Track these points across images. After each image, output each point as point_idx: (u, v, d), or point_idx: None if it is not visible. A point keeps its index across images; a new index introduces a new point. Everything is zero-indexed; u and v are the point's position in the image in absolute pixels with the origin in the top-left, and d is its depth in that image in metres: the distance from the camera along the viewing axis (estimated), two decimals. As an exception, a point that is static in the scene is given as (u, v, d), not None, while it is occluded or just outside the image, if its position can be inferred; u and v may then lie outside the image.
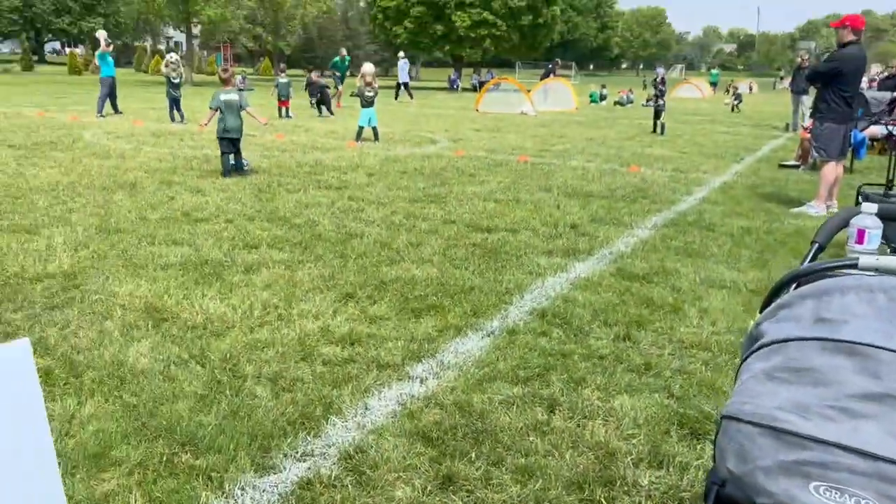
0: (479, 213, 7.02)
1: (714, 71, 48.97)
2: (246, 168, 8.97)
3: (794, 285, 1.50)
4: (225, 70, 9.58)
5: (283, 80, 18.05)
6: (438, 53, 46.74)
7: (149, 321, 3.93)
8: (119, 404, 2.99)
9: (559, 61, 28.20)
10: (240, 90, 9.67)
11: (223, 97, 8.75)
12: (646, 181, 9.35)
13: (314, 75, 19.50)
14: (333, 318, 4.10)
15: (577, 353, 3.72)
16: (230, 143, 8.75)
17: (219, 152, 8.89)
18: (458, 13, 40.03)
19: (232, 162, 8.82)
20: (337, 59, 25.24)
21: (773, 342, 1.30)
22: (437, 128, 16.04)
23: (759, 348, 1.37)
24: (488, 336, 3.91)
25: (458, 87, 39.80)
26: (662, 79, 16.34)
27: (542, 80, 26.84)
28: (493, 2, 40.09)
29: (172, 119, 15.02)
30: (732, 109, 25.66)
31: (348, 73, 30.18)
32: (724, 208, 7.71)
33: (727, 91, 38.81)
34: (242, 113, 8.91)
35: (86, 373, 3.27)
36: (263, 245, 5.58)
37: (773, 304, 1.42)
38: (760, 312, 1.48)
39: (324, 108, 18.68)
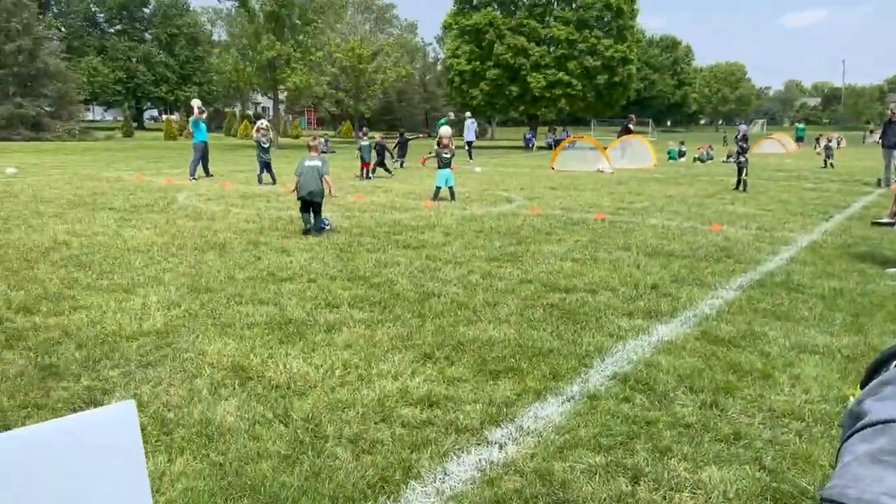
0: (557, 273, 6.98)
1: (800, 125, 47.60)
2: (327, 228, 9.29)
3: (896, 360, 1.42)
4: (314, 138, 10.23)
5: (364, 142, 18.67)
6: (514, 113, 47.39)
7: (235, 380, 4.05)
8: (207, 462, 3.07)
9: (633, 117, 28.06)
10: (323, 152, 10.07)
11: (307, 163, 9.29)
12: (729, 240, 9.11)
13: (378, 136, 20.00)
14: (412, 378, 4.12)
15: (662, 421, 3.61)
16: (311, 204, 9.18)
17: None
18: (534, 75, 40.64)
19: (312, 221, 9.19)
20: (444, 119, 25.69)
21: (877, 422, 1.24)
22: (513, 186, 16.16)
23: (862, 428, 1.30)
24: (568, 401, 3.84)
25: (533, 145, 40.11)
26: (744, 135, 16.00)
27: (619, 136, 26.75)
28: (567, 63, 40.58)
29: (260, 181, 15.68)
30: (825, 164, 24.69)
31: (426, 134, 30.99)
32: (814, 268, 7.40)
33: (816, 144, 37.60)
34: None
35: (176, 430, 3.38)
36: (344, 304, 5.69)
37: (875, 380, 1.36)
38: (861, 387, 1.41)
39: (380, 168, 18.93)
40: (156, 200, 12.28)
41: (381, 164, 18.96)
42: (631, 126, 27.18)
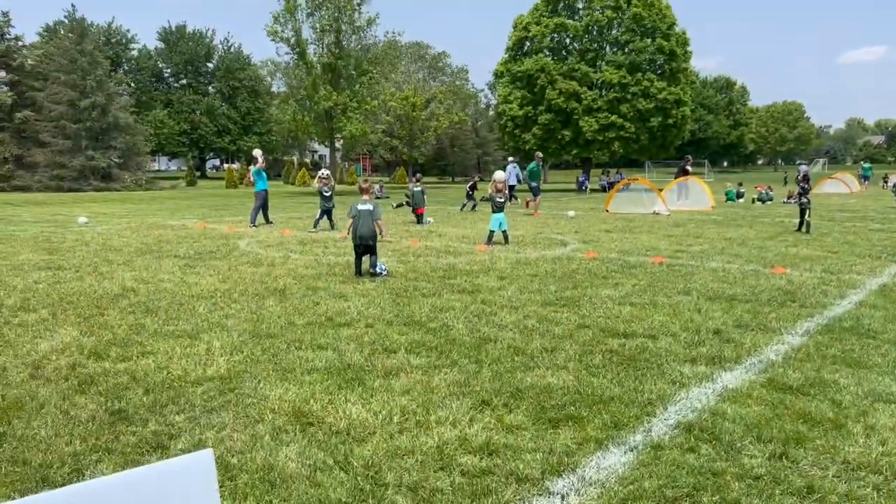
0: (615, 318, 6.89)
1: (866, 164, 46.19)
2: (382, 273, 9.44)
3: None
4: (365, 181, 10.33)
5: (416, 188, 18.94)
6: (566, 157, 47.43)
7: (297, 425, 4.10)
8: (269, 508, 3.10)
9: (690, 157, 27.77)
10: (377, 198, 10.28)
11: (360, 207, 9.51)
12: (793, 283, 8.85)
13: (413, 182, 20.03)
14: (470, 426, 4.10)
15: (730, 472, 3.49)
16: (364, 248, 9.42)
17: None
18: (586, 118, 40.70)
19: (366, 266, 9.44)
20: (533, 164, 23.87)
21: None
22: (567, 229, 16.09)
23: None
24: (631, 450, 3.76)
25: (586, 188, 39.97)
26: (806, 175, 15.64)
27: (676, 178, 26.47)
28: (620, 106, 40.54)
29: (315, 226, 16.00)
30: None
31: (479, 178, 31.17)
32: (886, 313, 7.11)
33: (884, 183, 36.43)
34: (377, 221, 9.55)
35: (240, 476, 3.43)
36: (401, 350, 5.73)
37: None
38: None
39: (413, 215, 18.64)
40: (218, 247, 12.66)
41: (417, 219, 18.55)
42: (688, 167, 26.87)
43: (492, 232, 13.14)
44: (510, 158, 33.26)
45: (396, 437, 3.94)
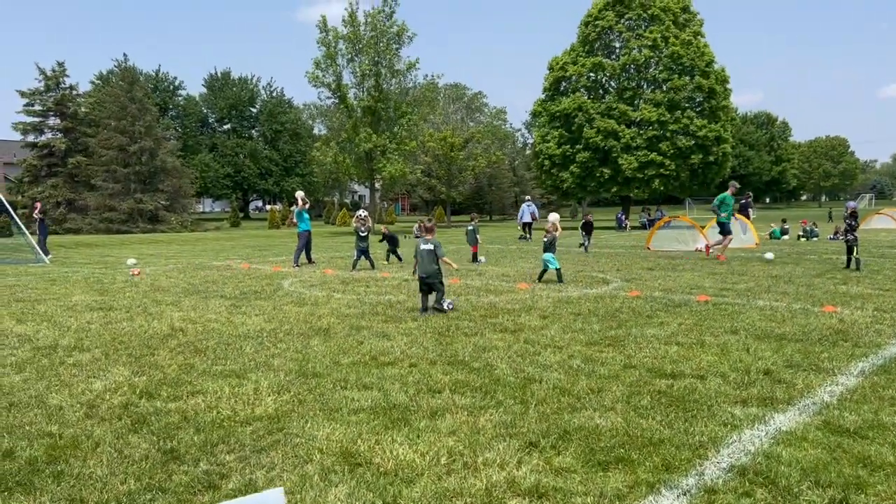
0: (662, 358, 6.79)
1: None
2: (449, 308, 9.80)
3: None
4: (429, 220, 10.94)
5: (470, 227, 19.11)
6: (605, 194, 47.28)
7: (345, 465, 4.11)
8: (321, 549, 3.11)
9: (751, 193, 27.75)
10: (416, 237, 10.45)
11: (422, 247, 9.91)
12: (844, 322, 8.62)
13: (384, 227, 19.52)
14: (518, 468, 4.07)
15: (788, 519, 3.39)
16: (427, 286, 9.83)
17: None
18: (625, 156, 40.63)
19: (431, 303, 9.85)
20: (726, 195, 18.93)
21: None
22: (608, 267, 15.97)
23: None
24: (684, 494, 3.68)
25: (626, 226, 39.71)
26: (853, 212, 15.32)
27: (737, 214, 26.24)
28: (660, 143, 40.42)
29: (353, 267, 16.13)
30: None
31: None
32: (945, 352, 6.87)
33: None
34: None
35: (290, 515, 3.45)
36: (446, 389, 5.72)
37: None
38: None
39: (392, 255, 18.35)
40: (263, 287, 12.87)
41: (392, 251, 18.35)
42: (750, 209, 26.54)
43: (544, 270, 13.27)
44: (526, 197, 33.87)
45: (444, 479, 3.92)
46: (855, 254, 14.98)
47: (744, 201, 28.07)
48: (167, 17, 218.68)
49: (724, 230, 18.30)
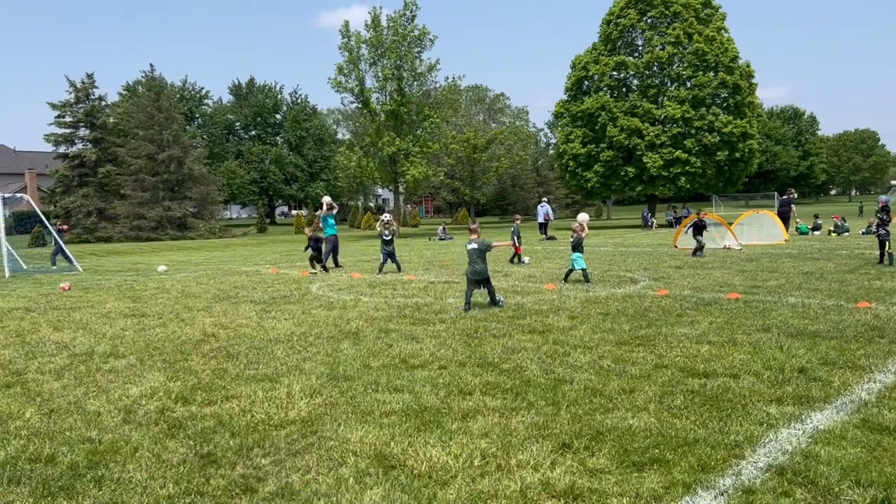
0: (693, 357, 6.73)
1: None
2: (501, 303, 10.44)
3: None
4: (474, 222, 11.81)
5: (513, 227, 19.14)
6: (630, 193, 46.90)
7: (379, 468, 4.14)
8: (359, 551, 3.13)
9: (793, 190, 27.63)
10: (441, 239, 10.59)
11: (469, 247, 10.65)
12: (880, 318, 8.47)
13: (308, 230, 17.44)
14: (552, 469, 4.06)
15: (829, 519, 3.35)
16: (476, 283, 10.44)
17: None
18: (649, 154, 40.24)
19: (478, 299, 10.66)
20: None
21: None
22: (636, 266, 15.85)
23: None
24: (721, 495, 3.65)
25: (652, 224, 39.35)
26: (885, 206, 15.03)
27: (779, 212, 26.05)
28: (685, 140, 39.98)
29: (379, 271, 16.16)
30: None
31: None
32: None
33: None
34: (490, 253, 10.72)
35: (328, 518, 3.48)
36: (476, 391, 5.73)
37: None
38: None
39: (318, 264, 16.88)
40: (292, 292, 12.99)
41: (316, 258, 16.80)
42: (793, 205, 26.50)
43: (570, 270, 13.23)
44: (543, 199, 34.01)
45: (478, 481, 3.93)
46: (888, 248, 14.70)
47: (785, 197, 27.72)
48: (191, 27, 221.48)
49: None
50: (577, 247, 13.24)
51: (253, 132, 79.32)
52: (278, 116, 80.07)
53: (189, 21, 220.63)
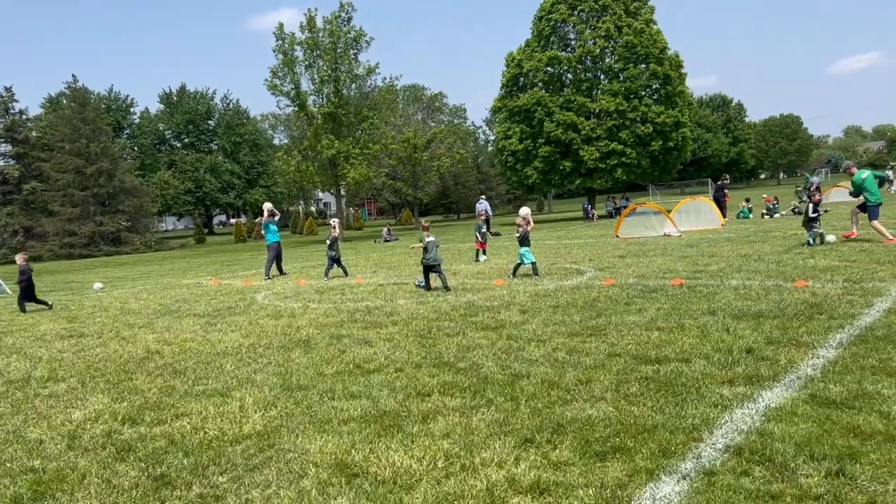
0: (644, 344, 6.83)
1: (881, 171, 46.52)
2: (426, 290, 12.08)
3: None
4: (426, 221, 13.62)
5: (478, 224, 19.23)
6: (570, 187, 47.57)
7: (342, 478, 4.05)
8: (328, 565, 3.05)
9: (727, 176, 28.72)
10: (386, 240, 10.69)
11: (428, 239, 12.22)
12: (817, 295, 8.78)
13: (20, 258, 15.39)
14: (516, 465, 4.05)
15: (789, 494, 3.43)
16: (433, 269, 12.20)
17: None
18: (586, 148, 40.90)
19: (443, 283, 12.13)
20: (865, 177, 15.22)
21: None
22: (581, 258, 16.07)
23: None
24: (684, 479, 3.70)
25: (593, 215, 39.99)
26: (817, 187, 15.60)
27: (714, 198, 26.89)
28: (620, 132, 40.77)
29: (326, 275, 15.92)
30: None
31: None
32: (917, 318, 7.03)
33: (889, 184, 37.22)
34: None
35: (293, 533, 3.38)
36: (435, 392, 5.68)
37: None
38: None
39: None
40: (236, 303, 12.68)
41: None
42: (726, 190, 27.40)
43: (518, 265, 13.31)
44: (482, 196, 34.68)
45: (444, 483, 3.89)
46: (819, 228, 15.28)
47: (719, 183, 28.56)
48: (115, 37, 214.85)
49: (874, 215, 15.08)
50: (523, 241, 13.33)
51: (186, 140, 77.45)
52: (211, 123, 78.36)
53: (112, 28, 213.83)
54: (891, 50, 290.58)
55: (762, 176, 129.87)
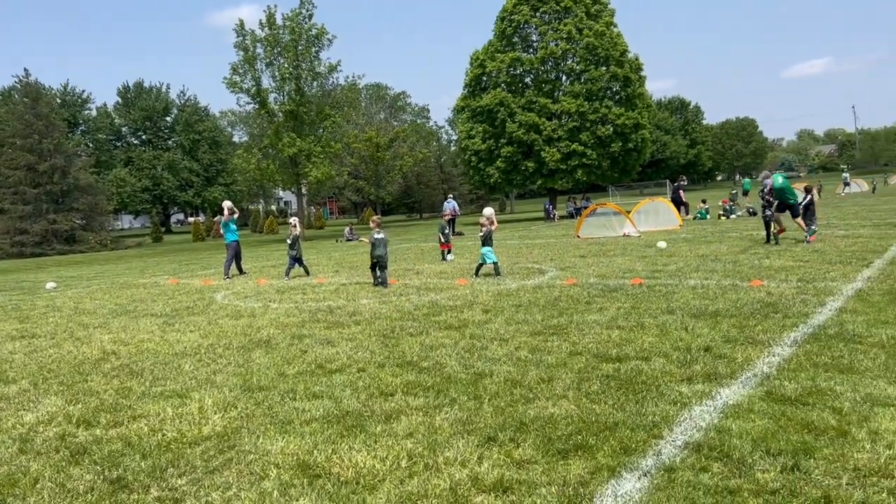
0: (605, 342, 6.91)
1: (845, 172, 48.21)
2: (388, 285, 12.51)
3: None
4: (378, 217, 14.04)
5: (442, 224, 19.22)
6: (531, 187, 47.89)
7: (304, 479, 4.01)
8: (290, 567, 3.01)
9: (684, 177, 29.23)
10: (348, 240, 10.59)
11: (376, 236, 12.75)
12: (772, 295, 8.99)
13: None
14: (480, 464, 4.05)
15: (746, 489, 3.50)
16: (379, 266, 12.72)
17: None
18: (547, 149, 41.22)
19: (381, 280, 12.68)
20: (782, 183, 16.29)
21: None
22: (543, 257, 16.19)
23: None
24: (645, 475, 3.75)
25: (554, 216, 40.32)
26: (771, 189, 15.98)
27: (672, 199, 27.32)
28: (580, 134, 41.18)
29: (287, 275, 15.71)
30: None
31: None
32: (867, 317, 7.25)
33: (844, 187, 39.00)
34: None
35: (254, 535, 3.33)
36: (398, 392, 5.67)
37: None
38: None
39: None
40: (195, 303, 12.47)
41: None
42: (682, 192, 27.83)
43: (480, 264, 13.33)
44: (449, 195, 34.89)
45: (407, 483, 3.88)
46: (773, 229, 15.65)
47: (676, 184, 29.05)
48: (71, 30, 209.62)
49: (795, 212, 16.20)
50: (486, 241, 13.37)
51: (143, 137, 75.85)
52: (169, 120, 76.88)
53: (67, 22, 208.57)
54: (840, 55, 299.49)
55: (719, 178, 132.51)
